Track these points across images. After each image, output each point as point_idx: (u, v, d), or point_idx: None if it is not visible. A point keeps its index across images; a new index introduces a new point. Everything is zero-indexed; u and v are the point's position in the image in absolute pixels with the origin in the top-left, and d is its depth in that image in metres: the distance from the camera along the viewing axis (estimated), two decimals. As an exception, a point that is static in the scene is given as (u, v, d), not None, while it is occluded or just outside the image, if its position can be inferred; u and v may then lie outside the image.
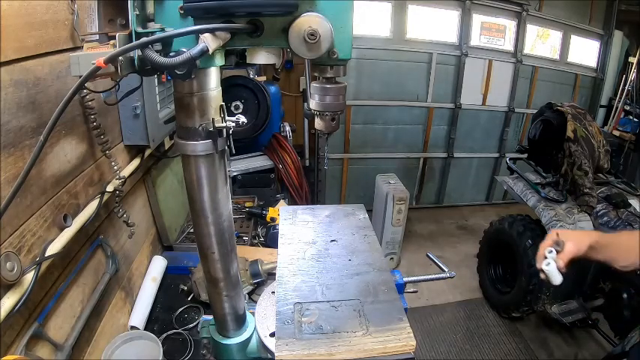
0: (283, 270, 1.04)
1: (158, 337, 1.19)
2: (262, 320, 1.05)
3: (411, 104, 4.10)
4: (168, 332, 1.36)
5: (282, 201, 2.32)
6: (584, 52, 4.50)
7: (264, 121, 2.53)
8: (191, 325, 1.39)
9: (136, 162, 1.40)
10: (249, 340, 1.06)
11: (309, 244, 1.14)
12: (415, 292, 1.31)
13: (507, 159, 3.03)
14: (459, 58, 3.99)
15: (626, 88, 4.37)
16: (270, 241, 1.86)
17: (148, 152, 1.49)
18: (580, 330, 2.73)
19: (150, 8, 0.65)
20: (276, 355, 0.79)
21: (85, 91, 1.02)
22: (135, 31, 0.63)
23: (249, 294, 1.46)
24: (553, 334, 2.76)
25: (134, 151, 1.43)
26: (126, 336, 1.17)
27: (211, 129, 0.74)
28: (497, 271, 3.05)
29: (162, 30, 0.64)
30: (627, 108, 4.43)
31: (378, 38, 3.86)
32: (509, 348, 2.67)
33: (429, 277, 1.33)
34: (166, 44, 0.64)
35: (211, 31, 0.62)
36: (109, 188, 1.17)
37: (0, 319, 0.73)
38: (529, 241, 2.54)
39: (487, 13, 4.02)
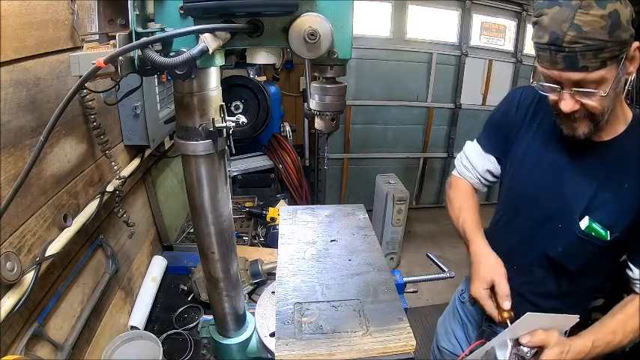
0: (283, 270, 1.04)
1: (158, 337, 1.19)
2: (262, 320, 1.05)
3: (411, 104, 4.11)
4: (169, 332, 1.36)
5: (282, 201, 2.32)
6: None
7: (264, 121, 2.53)
8: (191, 325, 1.39)
9: (136, 162, 1.40)
10: (249, 340, 1.06)
11: (309, 244, 1.14)
12: (415, 292, 1.31)
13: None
14: (459, 58, 3.99)
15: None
16: (270, 241, 1.86)
17: (148, 152, 1.49)
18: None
19: (150, 8, 0.65)
20: (276, 355, 0.79)
21: (85, 91, 1.02)
22: (135, 31, 0.63)
23: (249, 294, 1.46)
24: (553, 334, 2.75)
25: (134, 151, 1.43)
26: (126, 336, 1.17)
27: (211, 129, 0.74)
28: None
29: (163, 30, 0.64)
30: (627, 108, 4.43)
31: (378, 38, 3.86)
32: (509, 348, 2.66)
33: (429, 277, 1.33)
34: (166, 44, 0.64)
35: (211, 31, 0.62)
36: (109, 188, 1.17)
37: (0, 319, 0.73)
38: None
39: (487, 13, 4.02)
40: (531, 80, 1.01)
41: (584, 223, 0.99)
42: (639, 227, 0.96)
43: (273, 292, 1.10)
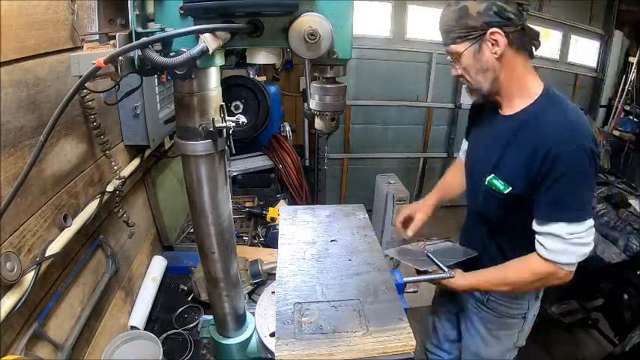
0: (283, 270, 1.04)
1: (158, 337, 1.19)
2: (262, 320, 1.05)
3: (411, 104, 4.10)
4: (168, 332, 1.36)
5: (282, 201, 2.32)
6: (584, 52, 4.50)
7: (264, 121, 2.53)
8: (191, 325, 1.39)
9: (136, 162, 1.39)
10: (249, 340, 1.06)
11: (309, 244, 1.14)
12: (415, 292, 1.31)
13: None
14: (459, 58, 3.99)
15: (626, 88, 4.37)
16: (270, 241, 1.86)
17: (148, 152, 1.49)
18: (580, 330, 2.73)
19: (150, 8, 0.65)
20: (276, 355, 0.79)
21: (85, 91, 1.02)
22: (135, 31, 0.63)
23: (249, 294, 1.46)
24: (553, 334, 2.76)
25: (134, 151, 1.43)
26: (126, 336, 1.17)
27: (211, 129, 0.74)
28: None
29: (163, 30, 0.64)
30: (627, 108, 4.43)
31: (378, 38, 3.86)
32: (509, 348, 2.66)
33: (429, 277, 1.32)
34: (166, 44, 0.65)
35: (211, 31, 0.62)
36: (109, 188, 1.17)
37: (0, 319, 0.73)
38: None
39: (487, 13, 4.02)
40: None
41: (487, 179, 1.22)
42: (534, 187, 1.12)
43: (273, 292, 1.10)
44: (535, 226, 1.13)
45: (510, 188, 1.17)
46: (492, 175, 1.21)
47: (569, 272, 1.11)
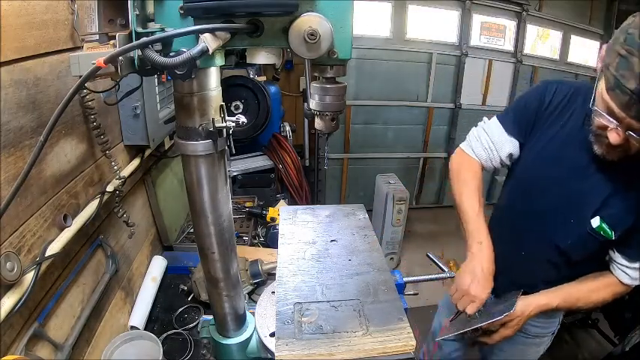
0: (283, 270, 1.04)
1: (158, 337, 1.19)
2: (262, 320, 1.05)
3: (411, 104, 4.11)
4: (168, 332, 1.36)
5: (282, 201, 2.32)
6: (584, 52, 4.50)
7: (264, 121, 2.53)
8: (191, 325, 1.39)
9: (136, 162, 1.40)
10: (249, 340, 1.06)
11: (309, 244, 1.14)
12: (416, 294, 1.31)
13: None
14: (459, 58, 3.99)
15: None
16: (270, 241, 1.86)
17: (148, 152, 1.49)
18: (580, 330, 2.74)
19: (150, 8, 0.65)
20: (276, 355, 0.79)
21: (85, 91, 1.02)
22: (135, 31, 0.63)
23: (249, 294, 1.46)
24: (553, 334, 2.76)
25: (134, 151, 1.43)
26: (126, 336, 1.17)
27: (211, 129, 0.74)
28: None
29: (163, 30, 0.64)
30: (627, 108, 4.42)
31: (378, 38, 3.86)
32: (509, 348, 2.66)
33: (429, 277, 1.33)
34: (166, 44, 0.64)
35: (211, 31, 0.62)
36: (109, 188, 1.17)
37: (0, 319, 0.73)
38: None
39: (487, 13, 4.03)
40: (591, 104, 1.05)
41: (595, 222, 1.08)
42: (634, 228, 1.06)
43: (273, 292, 1.10)
44: (621, 260, 1.12)
45: (614, 232, 1.07)
46: (599, 217, 1.07)
47: None
